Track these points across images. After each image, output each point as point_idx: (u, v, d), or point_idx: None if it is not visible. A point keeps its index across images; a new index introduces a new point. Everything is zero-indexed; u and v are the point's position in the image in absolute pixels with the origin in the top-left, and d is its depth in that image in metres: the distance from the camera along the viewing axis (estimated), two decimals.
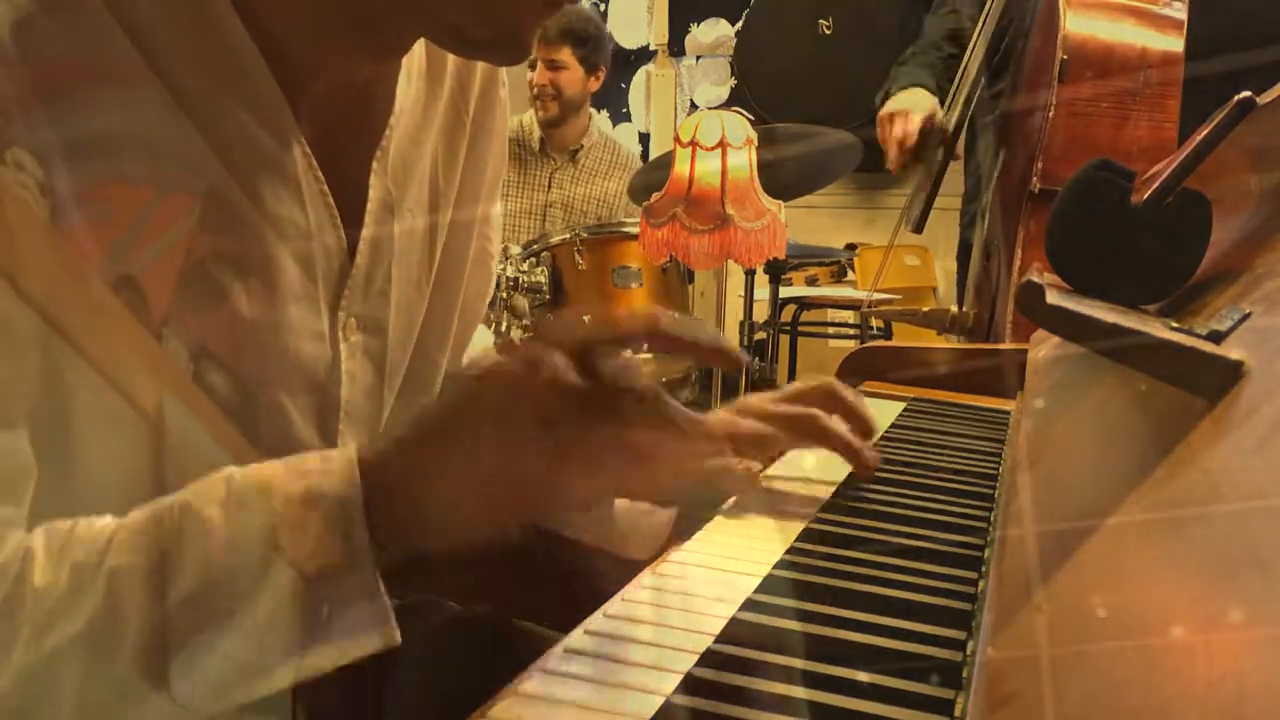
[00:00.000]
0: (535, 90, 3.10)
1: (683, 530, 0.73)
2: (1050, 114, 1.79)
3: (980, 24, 2.07)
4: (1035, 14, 1.95)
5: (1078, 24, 1.81)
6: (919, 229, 2.25)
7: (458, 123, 0.78)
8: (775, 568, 0.63)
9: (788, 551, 0.66)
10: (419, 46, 0.72)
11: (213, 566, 0.50)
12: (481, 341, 0.91)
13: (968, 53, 2.11)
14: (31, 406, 0.53)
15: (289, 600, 0.50)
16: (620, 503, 0.77)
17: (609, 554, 0.78)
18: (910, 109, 2.15)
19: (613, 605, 0.58)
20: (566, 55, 3.08)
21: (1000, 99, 2.14)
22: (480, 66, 0.78)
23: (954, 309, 2.25)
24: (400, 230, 0.72)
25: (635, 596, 0.59)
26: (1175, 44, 1.82)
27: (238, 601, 0.50)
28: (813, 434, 0.76)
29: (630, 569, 0.63)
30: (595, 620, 0.56)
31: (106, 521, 0.53)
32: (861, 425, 0.79)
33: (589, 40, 3.12)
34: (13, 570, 0.50)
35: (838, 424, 0.77)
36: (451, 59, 0.75)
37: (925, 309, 3.20)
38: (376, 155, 0.70)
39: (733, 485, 0.75)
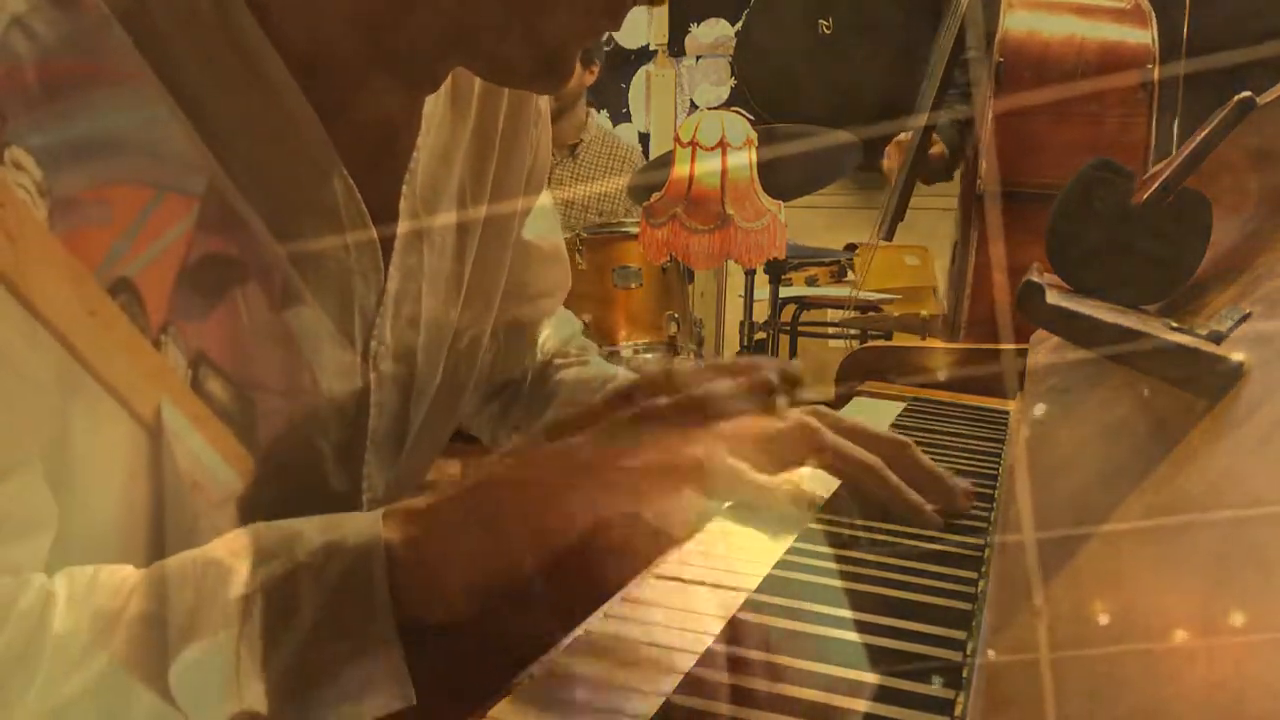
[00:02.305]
0: None
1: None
2: (989, 116, 1.80)
3: (941, 33, 2.08)
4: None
5: (1016, 23, 1.82)
6: (889, 236, 2.26)
7: (486, 141, 0.77)
8: (775, 567, 0.63)
9: (788, 551, 0.66)
10: None
11: (234, 618, 0.50)
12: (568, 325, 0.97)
13: (931, 61, 2.13)
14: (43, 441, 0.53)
15: (306, 652, 0.50)
16: None
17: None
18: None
19: (613, 605, 0.58)
20: None
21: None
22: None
23: (924, 312, 2.26)
24: (429, 253, 0.72)
25: (635, 596, 0.59)
26: (1118, 34, 1.82)
27: (256, 653, 0.50)
28: (874, 484, 0.73)
29: (631, 568, 0.63)
30: (595, 620, 0.56)
31: (129, 570, 0.53)
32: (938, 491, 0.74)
33: None
34: (34, 615, 0.50)
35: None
36: (478, 79, 0.75)
37: (898, 314, 3.21)
38: (405, 179, 0.70)
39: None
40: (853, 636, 0.53)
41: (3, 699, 0.48)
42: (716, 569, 0.64)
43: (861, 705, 0.46)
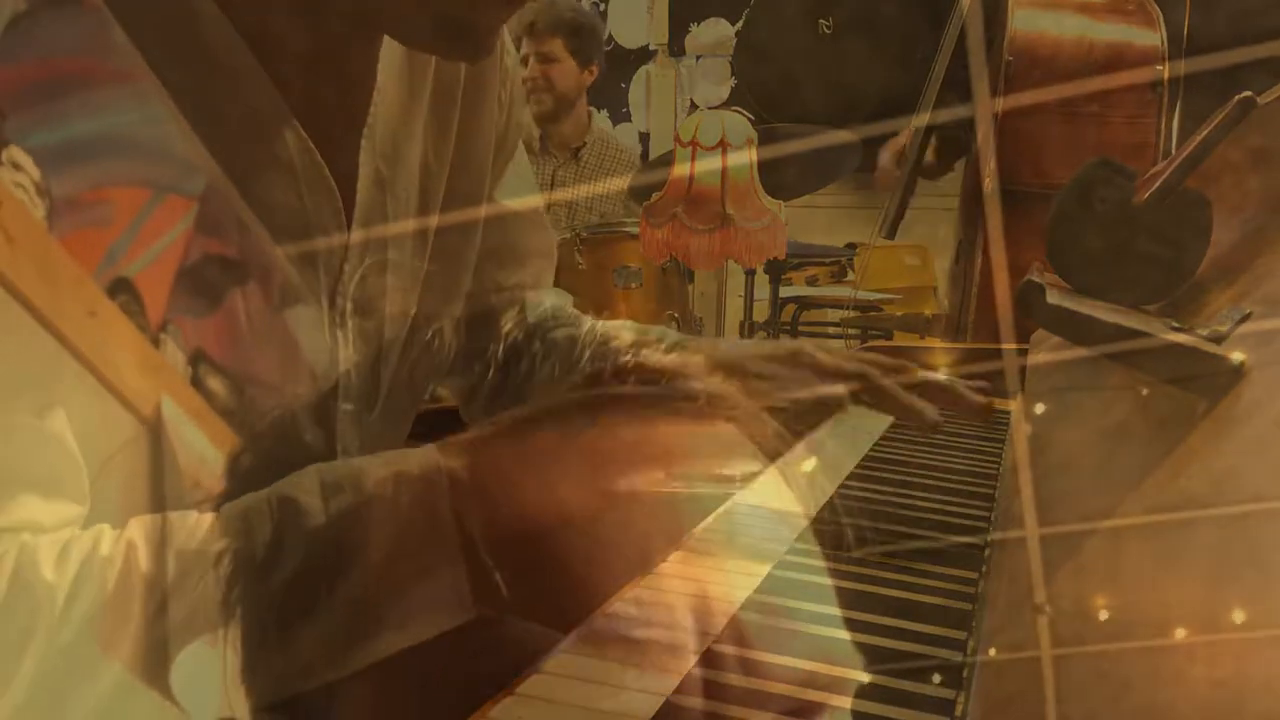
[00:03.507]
0: (528, 84, 3.08)
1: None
2: (998, 114, 1.80)
3: (945, 32, 2.08)
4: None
5: (1025, 22, 1.82)
6: (891, 234, 2.26)
7: (448, 99, 0.77)
8: (775, 568, 0.63)
9: (787, 551, 0.66)
10: None
11: (312, 548, 0.53)
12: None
13: (935, 60, 2.12)
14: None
15: (379, 576, 0.53)
16: None
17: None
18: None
19: (613, 605, 0.57)
20: (559, 48, 3.06)
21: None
22: None
23: (928, 311, 2.26)
24: (394, 209, 0.72)
25: (635, 596, 0.59)
26: (1128, 35, 1.81)
27: (333, 580, 0.53)
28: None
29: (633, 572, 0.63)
30: (595, 620, 0.56)
31: (195, 515, 0.54)
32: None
33: (581, 33, 3.10)
34: (119, 561, 0.51)
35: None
36: None
37: (900, 313, 3.21)
38: (364, 133, 0.70)
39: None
40: (853, 636, 0.53)
41: (106, 639, 0.50)
42: (716, 568, 0.64)
43: (862, 705, 0.46)
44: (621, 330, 0.93)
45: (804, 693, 0.48)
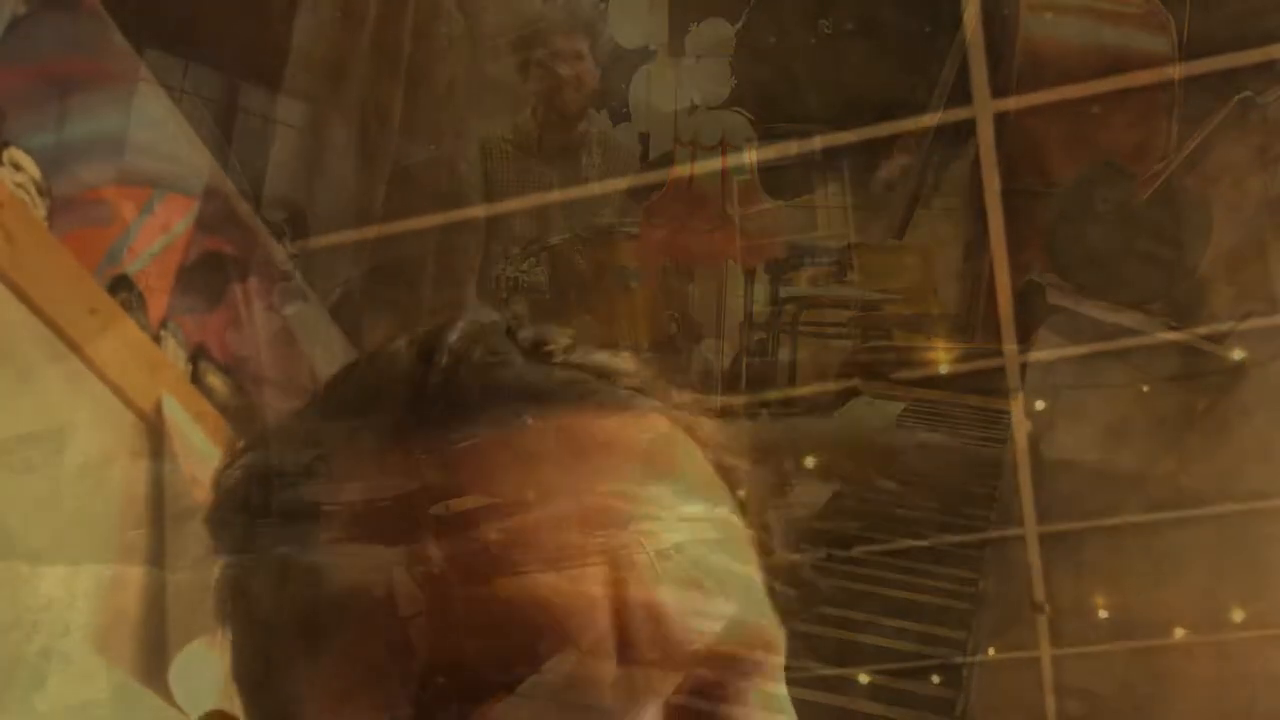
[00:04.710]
0: (562, 82, 3.04)
1: None
2: (1010, 114, 1.81)
3: (957, 33, 2.08)
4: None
5: (1036, 25, 1.83)
6: (900, 235, 2.27)
7: (389, 56, 0.76)
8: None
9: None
10: None
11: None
12: None
13: (946, 60, 2.13)
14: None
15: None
16: None
17: None
18: None
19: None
20: (585, 48, 3.07)
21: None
22: None
23: (935, 310, 2.26)
24: (321, 179, 0.71)
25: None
26: (1138, 40, 1.82)
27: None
28: None
29: None
30: None
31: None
32: None
33: (600, 36, 3.13)
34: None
35: None
36: None
37: (907, 313, 3.21)
38: (283, 87, 0.68)
39: None
40: (853, 636, 0.53)
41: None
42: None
43: (862, 705, 0.46)
44: None
45: (803, 694, 0.48)
